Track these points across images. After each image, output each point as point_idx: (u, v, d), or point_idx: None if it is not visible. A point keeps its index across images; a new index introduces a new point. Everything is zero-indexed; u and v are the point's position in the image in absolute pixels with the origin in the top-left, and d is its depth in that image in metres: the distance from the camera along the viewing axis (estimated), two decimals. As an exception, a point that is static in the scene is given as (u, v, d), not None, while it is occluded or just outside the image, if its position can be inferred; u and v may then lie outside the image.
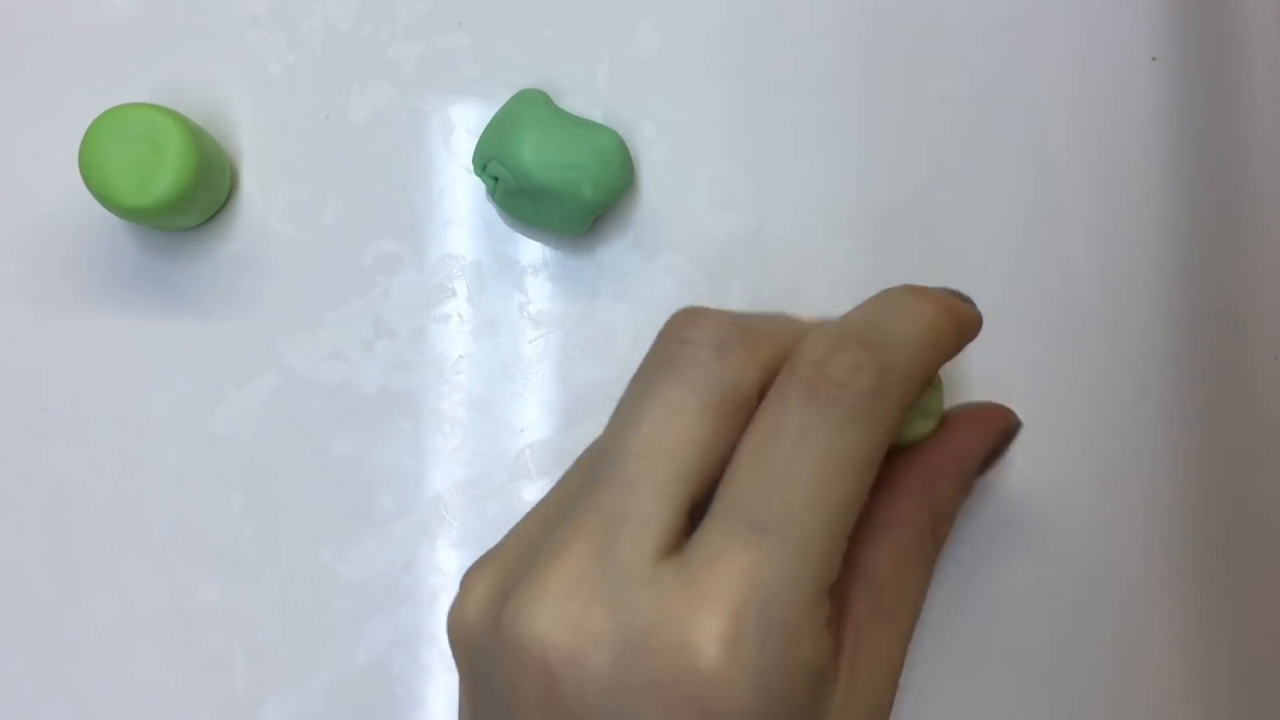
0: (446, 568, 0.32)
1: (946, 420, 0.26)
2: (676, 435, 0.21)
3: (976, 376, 0.32)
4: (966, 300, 0.25)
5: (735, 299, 0.33)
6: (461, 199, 0.33)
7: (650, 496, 0.21)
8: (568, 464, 0.25)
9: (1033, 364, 0.32)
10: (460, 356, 0.32)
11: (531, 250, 0.33)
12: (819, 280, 0.33)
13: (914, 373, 0.22)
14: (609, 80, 0.33)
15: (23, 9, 0.33)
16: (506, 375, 0.32)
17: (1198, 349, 0.33)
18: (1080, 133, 0.33)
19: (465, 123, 0.33)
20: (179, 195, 0.29)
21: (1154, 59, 0.34)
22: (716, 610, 0.20)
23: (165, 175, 0.29)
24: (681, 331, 0.22)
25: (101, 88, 0.32)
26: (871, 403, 0.21)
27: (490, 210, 0.33)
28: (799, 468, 0.21)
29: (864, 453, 0.21)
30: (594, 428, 0.32)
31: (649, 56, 0.34)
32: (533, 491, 0.32)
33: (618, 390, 0.32)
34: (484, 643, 0.22)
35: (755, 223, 0.33)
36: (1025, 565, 0.32)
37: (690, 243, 0.33)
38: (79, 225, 0.32)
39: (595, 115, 0.33)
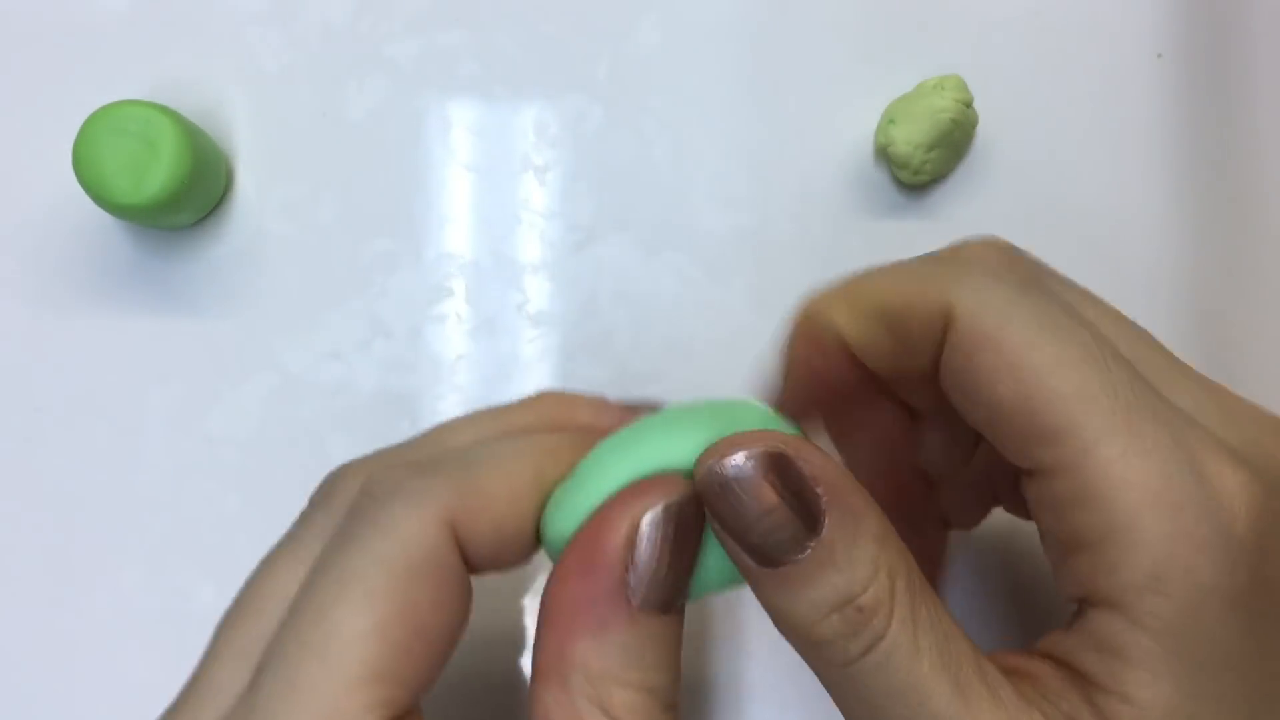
0: (445, 570, 0.31)
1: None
2: None
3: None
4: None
5: (737, 297, 0.32)
6: (460, 197, 0.33)
7: None
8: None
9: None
10: (458, 356, 0.32)
11: (531, 249, 0.33)
12: (821, 277, 0.33)
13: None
14: (609, 77, 0.33)
15: (16, 5, 0.33)
16: (505, 375, 0.32)
17: (1198, 348, 0.32)
18: (1086, 129, 0.33)
19: (463, 120, 0.33)
20: (173, 193, 0.29)
21: (1159, 56, 0.34)
22: None
23: (160, 173, 0.29)
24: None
25: (96, 84, 0.32)
26: None
27: (490, 209, 0.33)
28: None
29: None
30: (594, 428, 0.32)
31: (649, 53, 0.33)
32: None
33: (618, 390, 0.32)
34: None
35: (756, 220, 0.33)
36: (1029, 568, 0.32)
37: (691, 241, 0.33)
38: (73, 224, 0.32)
39: (595, 113, 0.33)
